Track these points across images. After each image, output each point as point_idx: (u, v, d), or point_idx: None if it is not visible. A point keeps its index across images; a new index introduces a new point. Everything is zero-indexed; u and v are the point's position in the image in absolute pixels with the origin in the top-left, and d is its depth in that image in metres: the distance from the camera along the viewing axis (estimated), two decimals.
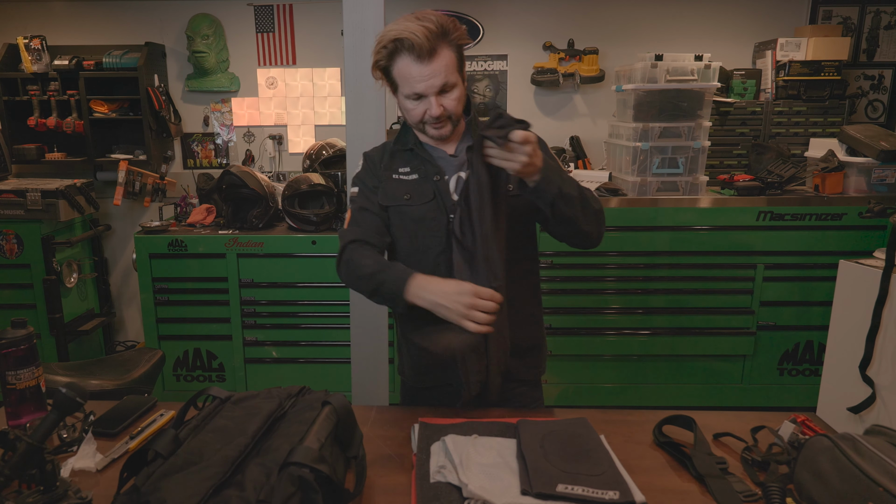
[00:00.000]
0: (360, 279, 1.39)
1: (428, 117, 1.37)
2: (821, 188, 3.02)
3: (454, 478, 1.04)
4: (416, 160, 1.47)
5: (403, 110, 1.42)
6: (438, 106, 1.36)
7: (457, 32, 1.35)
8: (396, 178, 1.47)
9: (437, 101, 1.35)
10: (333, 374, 3.18)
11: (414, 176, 1.46)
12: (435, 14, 1.34)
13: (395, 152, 1.50)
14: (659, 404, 3.21)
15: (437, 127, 1.39)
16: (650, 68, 3.00)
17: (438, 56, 1.32)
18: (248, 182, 3.12)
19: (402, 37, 1.30)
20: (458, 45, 1.36)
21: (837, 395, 2.35)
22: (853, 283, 2.30)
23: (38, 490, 0.97)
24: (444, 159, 1.47)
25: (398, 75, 1.35)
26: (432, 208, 1.43)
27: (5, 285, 3.24)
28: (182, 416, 1.03)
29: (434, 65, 1.32)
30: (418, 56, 1.31)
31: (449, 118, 1.39)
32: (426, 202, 1.43)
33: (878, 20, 3.61)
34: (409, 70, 1.32)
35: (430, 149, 1.48)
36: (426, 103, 1.36)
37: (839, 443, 0.99)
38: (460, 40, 1.36)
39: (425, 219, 1.43)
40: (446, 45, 1.33)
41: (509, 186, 1.38)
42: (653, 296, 3.13)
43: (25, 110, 3.47)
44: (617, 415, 1.36)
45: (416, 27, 1.29)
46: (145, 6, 3.61)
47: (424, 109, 1.37)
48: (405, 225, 1.45)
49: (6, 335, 1.21)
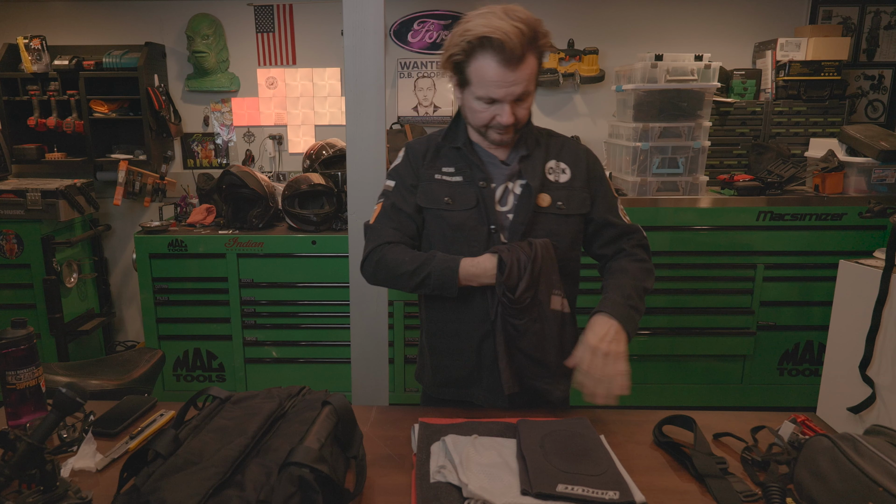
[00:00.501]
0: (399, 277, 1.33)
1: (496, 123, 1.29)
2: (821, 188, 3.02)
3: (454, 478, 1.04)
4: (463, 161, 1.38)
5: (467, 109, 1.33)
6: (511, 115, 1.27)
7: (545, 38, 1.25)
8: (439, 178, 1.38)
9: (510, 110, 1.26)
10: (333, 374, 3.18)
11: (458, 178, 1.37)
12: (525, 12, 1.22)
13: (441, 148, 1.41)
14: (659, 404, 3.21)
15: (501, 133, 1.31)
16: (650, 68, 3.00)
17: (525, 63, 1.23)
18: (248, 182, 3.12)
19: (494, 36, 1.18)
20: (542, 51, 1.28)
21: (837, 395, 2.35)
22: (853, 283, 2.30)
23: (38, 490, 0.97)
24: (495, 165, 1.38)
25: (475, 74, 1.25)
26: (473, 216, 1.34)
27: (5, 285, 3.24)
28: (182, 416, 1.03)
29: (519, 72, 1.23)
30: (506, 61, 1.20)
31: (514, 127, 1.31)
32: (468, 209, 1.34)
33: (878, 20, 3.61)
34: (491, 73, 1.22)
35: (481, 151, 1.39)
36: (498, 109, 1.27)
37: (839, 443, 0.99)
38: (546, 47, 1.27)
39: (464, 227, 1.34)
40: (533, 51, 1.24)
41: (559, 204, 1.36)
42: (653, 296, 3.10)
43: (25, 110, 3.46)
44: (617, 415, 1.36)
45: (508, 27, 1.18)
46: (145, 6, 3.61)
47: (494, 115, 1.28)
48: (442, 230, 1.37)
49: (6, 335, 1.21)
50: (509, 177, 1.36)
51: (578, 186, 1.40)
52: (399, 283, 1.34)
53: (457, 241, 1.35)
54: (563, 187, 1.38)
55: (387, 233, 1.37)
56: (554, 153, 1.41)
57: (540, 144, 1.40)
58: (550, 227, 1.35)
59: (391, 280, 1.35)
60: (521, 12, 1.22)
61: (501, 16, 1.20)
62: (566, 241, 1.38)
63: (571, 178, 1.40)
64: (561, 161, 1.41)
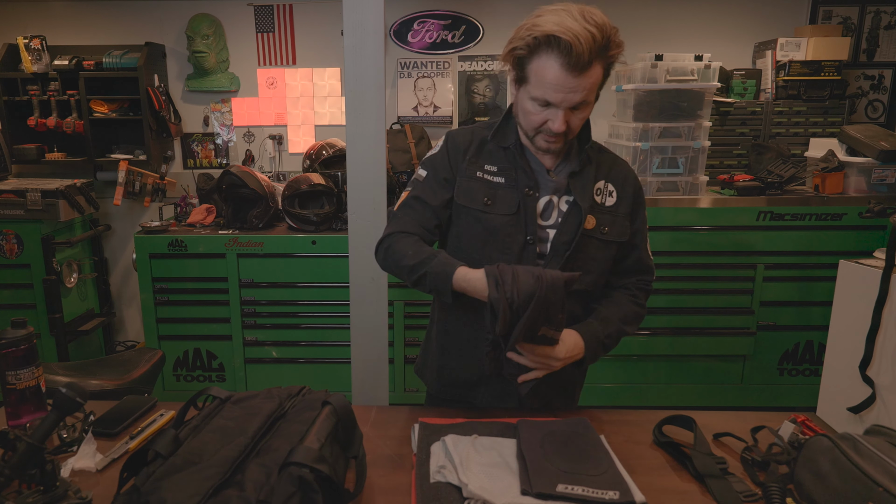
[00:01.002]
0: (401, 269, 1.28)
1: (546, 129, 1.21)
2: (821, 188, 3.02)
3: (454, 478, 1.04)
4: (509, 162, 1.30)
5: (520, 108, 1.25)
6: (564, 122, 1.19)
7: (617, 49, 1.18)
8: (480, 175, 1.31)
9: (564, 117, 1.18)
10: (333, 374, 3.18)
11: (500, 179, 1.30)
12: (602, 17, 1.15)
13: (485, 143, 1.33)
14: (659, 404, 3.21)
15: (550, 141, 1.24)
16: (650, 68, 3.00)
17: (590, 71, 1.15)
18: (248, 182, 3.12)
19: (563, 36, 1.10)
20: (611, 63, 1.20)
21: (837, 395, 2.35)
22: (853, 283, 2.30)
23: (38, 490, 0.97)
24: (542, 174, 1.30)
25: (534, 72, 1.17)
26: (511, 223, 1.28)
27: (5, 285, 3.24)
28: (182, 416, 1.03)
29: (582, 79, 1.14)
30: (570, 65, 1.12)
31: (565, 136, 1.23)
32: (507, 214, 1.28)
33: (878, 20, 3.61)
34: (552, 74, 1.14)
35: (530, 156, 1.31)
36: (551, 114, 1.19)
37: (839, 443, 0.99)
38: (616, 59, 1.20)
39: (500, 232, 1.28)
40: (601, 60, 1.16)
41: (604, 229, 1.30)
42: (653, 296, 3.10)
43: (25, 110, 3.46)
44: (617, 415, 1.36)
45: (580, 29, 1.10)
46: (145, 6, 3.61)
47: (546, 119, 1.20)
48: (476, 231, 1.30)
49: (6, 335, 1.21)
50: (555, 190, 1.30)
51: (622, 213, 1.35)
52: (401, 274, 1.30)
53: (489, 245, 1.30)
54: (608, 211, 1.33)
55: (404, 222, 1.32)
56: (604, 173, 1.35)
57: (591, 161, 1.33)
58: (591, 252, 1.30)
59: (395, 270, 1.31)
60: (598, 16, 1.14)
61: (576, 16, 1.13)
62: (601, 267, 1.34)
63: (617, 202, 1.35)
64: (609, 182, 1.35)
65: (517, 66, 1.20)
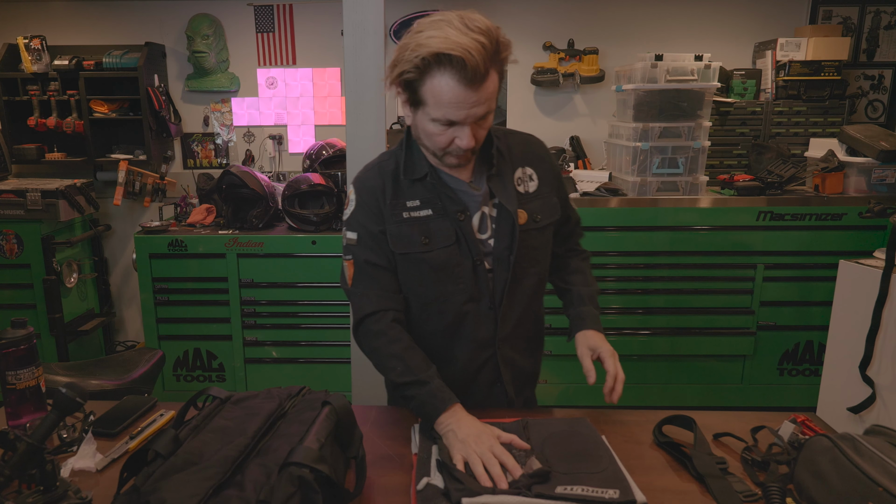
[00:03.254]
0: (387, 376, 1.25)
1: (455, 147, 1.16)
2: (821, 188, 3.02)
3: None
4: (430, 192, 1.24)
5: (421, 132, 1.18)
6: (471, 138, 1.14)
7: (507, 50, 1.12)
8: (407, 216, 1.23)
9: (471, 132, 1.13)
10: (333, 374, 3.18)
11: (427, 211, 1.24)
12: (482, 20, 1.09)
13: (398, 179, 1.26)
14: (659, 404, 3.21)
15: (459, 157, 1.19)
16: (650, 68, 3.00)
17: (488, 81, 1.09)
18: (248, 182, 3.12)
19: (453, 53, 1.04)
20: (504, 65, 1.14)
21: (837, 395, 2.35)
22: (853, 283, 2.30)
23: (38, 490, 0.97)
24: (464, 191, 1.26)
25: (430, 94, 1.10)
26: (455, 253, 1.23)
27: (5, 285, 3.24)
28: (182, 416, 1.03)
29: (481, 92, 1.09)
30: (468, 80, 1.06)
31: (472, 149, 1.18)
32: (447, 245, 1.23)
33: (878, 20, 3.61)
34: (450, 93, 1.08)
35: (446, 177, 1.25)
36: (458, 132, 1.14)
37: (839, 443, 0.99)
38: (507, 60, 1.14)
39: (447, 265, 1.24)
40: (495, 66, 1.11)
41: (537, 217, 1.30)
42: (653, 296, 3.13)
43: (25, 110, 3.46)
44: (617, 415, 1.36)
45: (469, 42, 1.04)
46: (145, 6, 3.61)
47: (453, 138, 1.15)
48: (420, 273, 1.25)
49: (6, 335, 1.21)
50: (481, 201, 1.26)
51: (547, 192, 1.33)
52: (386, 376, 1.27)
53: (440, 282, 1.25)
54: (534, 197, 1.31)
55: (370, 298, 1.25)
56: (518, 160, 1.32)
57: (503, 155, 1.29)
58: (530, 244, 1.28)
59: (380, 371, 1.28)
60: (480, 21, 1.08)
61: (459, 26, 1.06)
62: (545, 252, 1.34)
63: (540, 184, 1.33)
64: (527, 167, 1.32)
65: (407, 89, 1.13)
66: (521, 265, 1.28)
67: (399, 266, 1.27)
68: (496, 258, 1.26)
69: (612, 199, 3.04)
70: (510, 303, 1.30)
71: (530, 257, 1.30)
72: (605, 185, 3.12)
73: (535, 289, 1.34)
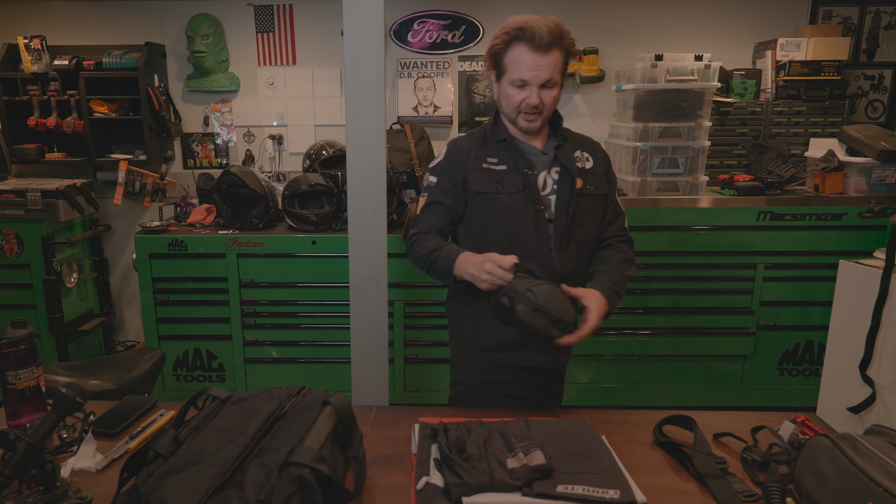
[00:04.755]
0: (420, 259, 1.55)
1: (525, 105, 1.49)
2: (821, 188, 3.02)
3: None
4: (507, 152, 1.57)
5: (502, 97, 1.54)
6: (538, 97, 1.47)
7: (570, 40, 1.49)
8: (486, 167, 1.57)
9: (537, 92, 1.47)
10: (333, 374, 3.18)
11: (503, 167, 1.56)
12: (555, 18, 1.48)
13: (484, 142, 1.60)
14: (659, 404, 3.21)
15: (529, 119, 1.51)
16: (650, 68, 3.00)
17: (552, 52, 1.45)
18: (248, 182, 3.12)
19: (527, 26, 1.43)
20: (569, 51, 1.49)
21: (837, 395, 2.36)
22: (853, 283, 2.30)
23: (38, 490, 0.97)
24: (535, 154, 1.58)
25: (510, 61, 1.48)
26: (521, 198, 1.54)
27: (5, 285, 3.24)
28: (182, 416, 1.03)
29: (547, 58, 1.45)
30: (536, 46, 1.43)
31: (540, 113, 1.50)
32: (516, 192, 1.54)
33: (878, 20, 3.61)
34: (523, 57, 1.45)
35: (521, 143, 1.59)
36: (527, 92, 1.48)
37: (839, 443, 0.99)
38: (571, 47, 1.50)
39: (513, 207, 1.53)
40: (560, 47, 1.47)
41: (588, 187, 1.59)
42: (653, 296, 3.13)
43: (25, 110, 3.46)
44: (617, 415, 1.36)
45: (540, 21, 1.43)
46: (145, 6, 3.61)
47: (524, 98, 1.48)
48: (495, 210, 1.55)
49: (6, 335, 1.21)
50: (548, 164, 1.58)
51: (600, 172, 1.65)
52: (421, 265, 1.56)
53: (507, 220, 1.54)
54: (589, 172, 1.62)
55: (427, 223, 1.59)
56: (578, 145, 1.64)
57: (567, 138, 1.62)
58: (585, 206, 1.58)
59: (416, 260, 1.58)
60: (553, 18, 1.47)
61: (535, 16, 1.46)
62: (595, 218, 1.62)
63: (594, 164, 1.64)
64: (584, 151, 1.65)
65: (495, 63, 1.52)
66: (575, 221, 1.56)
67: (476, 206, 1.57)
68: (558, 210, 1.55)
69: None
70: (566, 249, 1.56)
71: (583, 217, 1.58)
72: None
73: (585, 246, 1.61)
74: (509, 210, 1.54)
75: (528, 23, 1.44)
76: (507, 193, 1.54)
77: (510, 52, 1.48)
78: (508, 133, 1.59)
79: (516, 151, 1.57)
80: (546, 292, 1.30)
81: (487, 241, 1.57)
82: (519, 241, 1.54)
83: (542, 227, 1.55)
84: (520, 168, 1.56)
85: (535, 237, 1.54)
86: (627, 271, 1.59)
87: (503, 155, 1.58)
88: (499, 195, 1.54)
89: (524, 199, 1.54)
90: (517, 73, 1.47)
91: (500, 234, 1.56)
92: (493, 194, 1.55)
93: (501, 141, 1.59)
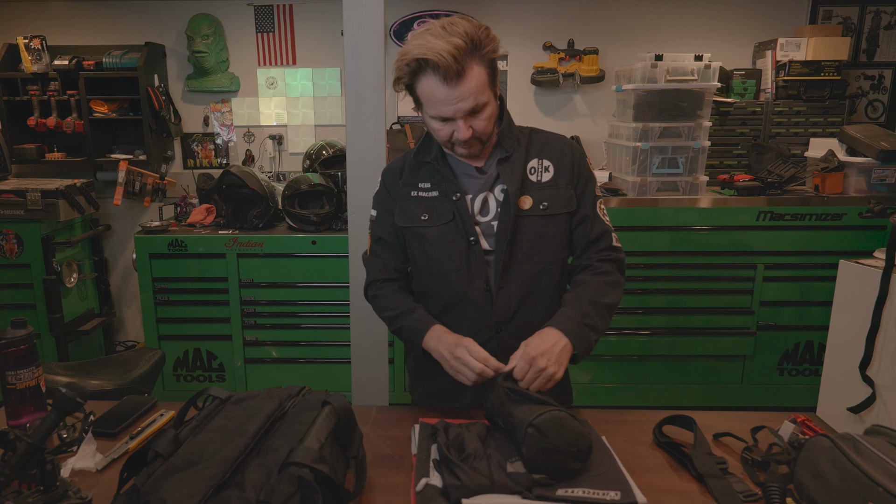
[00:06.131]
0: (384, 319, 1.42)
1: (456, 139, 1.27)
2: (821, 188, 3.02)
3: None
4: (438, 175, 1.36)
5: (429, 129, 1.32)
6: (467, 129, 1.24)
7: (489, 45, 1.21)
8: (415, 195, 1.37)
9: (465, 125, 1.24)
10: (333, 374, 3.18)
11: (434, 193, 1.36)
12: (465, 24, 1.20)
13: (416, 164, 1.39)
14: (659, 404, 3.21)
15: (466, 148, 1.29)
16: (650, 68, 3.00)
17: (467, 77, 1.19)
18: (248, 182, 3.12)
19: (426, 57, 1.16)
20: (491, 59, 1.23)
21: (837, 395, 2.36)
22: (853, 283, 2.30)
23: (38, 490, 0.97)
24: (470, 175, 1.36)
25: (422, 95, 1.24)
26: (450, 230, 1.33)
27: (5, 285, 3.24)
28: (182, 416, 1.03)
29: (462, 87, 1.19)
30: (444, 78, 1.18)
31: (478, 139, 1.28)
32: (444, 223, 1.34)
33: (878, 20, 3.61)
34: (435, 92, 1.20)
35: (455, 163, 1.37)
36: (454, 125, 1.25)
37: (839, 443, 0.99)
38: (493, 54, 1.23)
39: (442, 241, 1.34)
40: (477, 61, 1.20)
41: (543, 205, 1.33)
42: (653, 296, 3.13)
43: (25, 110, 3.46)
44: (617, 415, 1.36)
45: (441, 45, 1.16)
46: (145, 6, 3.61)
47: (452, 131, 1.26)
48: (421, 247, 1.37)
49: (6, 335, 1.21)
50: (488, 184, 1.34)
51: (563, 184, 1.37)
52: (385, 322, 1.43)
53: (436, 257, 1.35)
54: (546, 186, 1.36)
55: (378, 267, 1.44)
56: (535, 151, 1.38)
57: (520, 144, 1.37)
58: (535, 230, 1.33)
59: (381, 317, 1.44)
60: (460, 25, 1.19)
61: (438, 32, 1.18)
62: (554, 242, 1.36)
63: (555, 175, 1.37)
64: (544, 159, 1.38)
65: (409, 92, 1.28)
66: (521, 249, 1.33)
67: (406, 240, 1.41)
68: (497, 238, 1.33)
69: (612, 199, 3.04)
70: (507, 286, 1.34)
71: (534, 244, 1.34)
72: (606, 185, 3.13)
73: (538, 277, 1.36)
74: (437, 245, 1.34)
75: (427, 54, 1.16)
76: (435, 226, 1.34)
77: (420, 86, 1.22)
78: (439, 153, 1.36)
79: (444, 174, 1.34)
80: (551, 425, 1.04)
81: (419, 282, 1.41)
82: (446, 280, 1.34)
83: (478, 262, 1.33)
84: (448, 193, 1.33)
85: (467, 275, 1.33)
86: (606, 298, 1.31)
87: (435, 178, 1.36)
88: (426, 229, 1.35)
89: (454, 230, 1.33)
90: (435, 110, 1.23)
91: (428, 272, 1.37)
92: (419, 228, 1.35)
93: (428, 163, 1.36)
